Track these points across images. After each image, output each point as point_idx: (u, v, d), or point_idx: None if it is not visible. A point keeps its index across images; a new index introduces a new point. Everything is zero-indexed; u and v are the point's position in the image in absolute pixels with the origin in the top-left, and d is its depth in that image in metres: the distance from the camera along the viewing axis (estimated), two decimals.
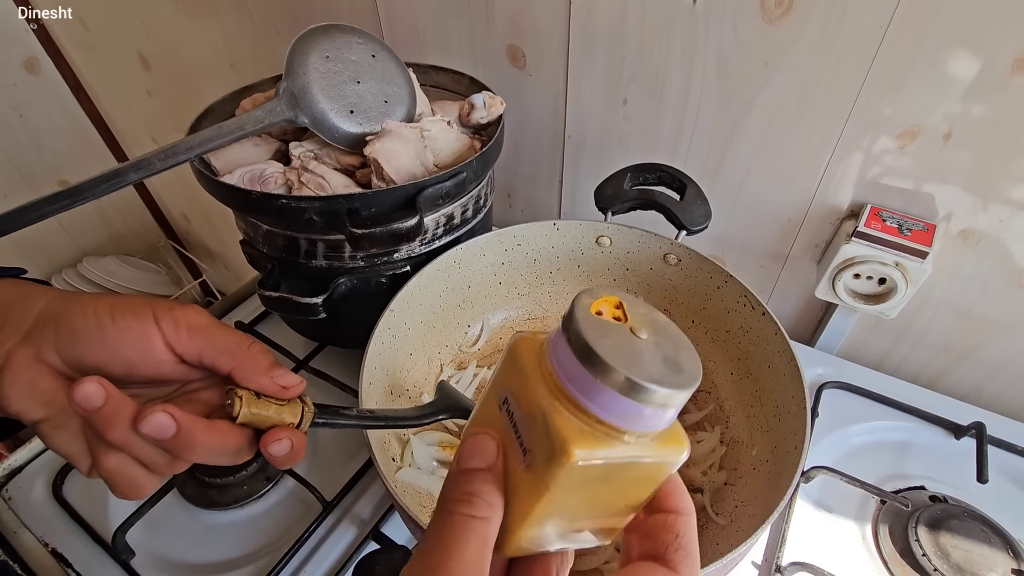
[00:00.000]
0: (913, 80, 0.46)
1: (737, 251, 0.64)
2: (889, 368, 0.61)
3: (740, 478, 0.45)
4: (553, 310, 0.59)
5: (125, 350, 0.24)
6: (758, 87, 0.52)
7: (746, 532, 0.32)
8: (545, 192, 0.74)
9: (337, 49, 0.50)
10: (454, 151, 0.53)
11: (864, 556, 0.45)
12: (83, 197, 0.39)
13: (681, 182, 0.52)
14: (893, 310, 0.54)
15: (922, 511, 0.46)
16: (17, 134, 1.16)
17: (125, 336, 0.24)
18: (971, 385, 0.59)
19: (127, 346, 0.24)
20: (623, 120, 0.62)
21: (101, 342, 0.24)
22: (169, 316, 0.25)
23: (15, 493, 0.51)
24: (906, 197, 0.52)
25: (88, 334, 0.24)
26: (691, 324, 0.54)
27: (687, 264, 0.51)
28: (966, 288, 0.53)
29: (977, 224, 0.50)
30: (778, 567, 0.43)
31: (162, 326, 0.24)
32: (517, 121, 0.69)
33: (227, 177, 0.47)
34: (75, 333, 0.24)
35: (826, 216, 0.56)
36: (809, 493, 0.49)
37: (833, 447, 0.52)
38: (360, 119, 0.50)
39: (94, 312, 0.24)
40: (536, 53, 0.62)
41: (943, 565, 0.43)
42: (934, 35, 0.43)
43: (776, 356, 0.43)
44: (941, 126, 0.47)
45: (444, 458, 0.47)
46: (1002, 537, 0.44)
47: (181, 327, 0.25)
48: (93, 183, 0.39)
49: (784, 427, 0.41)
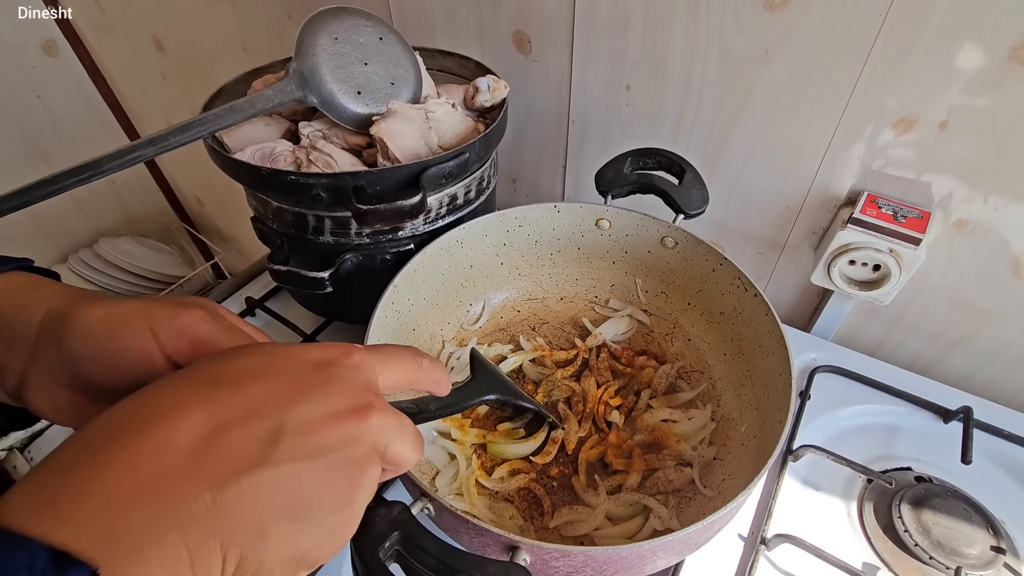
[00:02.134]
0: (910, 68, 0.46)
1: (735, 238, 0.65)
2: (884, 355, 0.62)
3: (728, 453, 0.46)
4: (553, 291, 0.61)
5: (130, 368, 0.23)
6: (759, 74, 0.53)
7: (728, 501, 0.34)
8: (549, 178, 0.75)
9: (346, 31, 0.51)
10: (458, 133, 0.54)
11: (848, 531, 0.47)
12: (101, 171, 0.41)
13: (680, 167, 0.53)
14: (887, 296, 0.55)
15: (906, 490, 0.47)
16: (36, 115, 1.18)
17: (124, 356, 0.23)
18: (963, 372, 0.60)
19: (130, 365, 0.23)
20: (626, 106, 0.62)
21: (104, 366, 0.23)
22: (169, 329, 0.23)
23: (36, 455, 0.53)
24: (903, 185, 0.53)
25: (89, 359, 0.23)
26: (687, 306, 0.55)
27: (684, 247, 0.53)
28: (960, 276, 0.54)
29: (972, 213, 0.51)
30: (763, 539, 0.45)
31: (161, 341, 0.23)
32: (522, 107, 0.70)
33: (239, 154, 0.49)
34: (77, 359, 0.23)
35: (824, 203, 0.57)
36: (797, 471, 0.50)
37: (823, 428, 0.53)
38: (367, 100, 0.51)
39: (91, 333, 0.23)
40: (541, 39, 0.63)
41: (924, 541, 0.44)
42: (932, 23, 0.44)
43: (766, 336, 0.45)
44: (938, 115, 0.48)
45: (444, 429, 0.49)
46: (983, 515, 0.45)
47: (183, 340, 0.23)
48: (110, 157, 0.41)
49: (772, 404, 0.42)
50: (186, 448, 0.18)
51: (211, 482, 0.18)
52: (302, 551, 0.20)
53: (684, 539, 0.34)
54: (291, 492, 0.19)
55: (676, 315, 0.56)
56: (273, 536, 0.19)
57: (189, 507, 0.17)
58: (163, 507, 0.17)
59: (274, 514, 0.19)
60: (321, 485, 0.20)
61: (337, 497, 0.20)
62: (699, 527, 0.33)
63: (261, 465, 0.18)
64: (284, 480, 0.19)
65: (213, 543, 0.17)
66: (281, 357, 0.22)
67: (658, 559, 0.35)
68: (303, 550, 0.20)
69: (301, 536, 0.19)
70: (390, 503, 0.31)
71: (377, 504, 0.31)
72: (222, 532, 0.18)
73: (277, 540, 0.19)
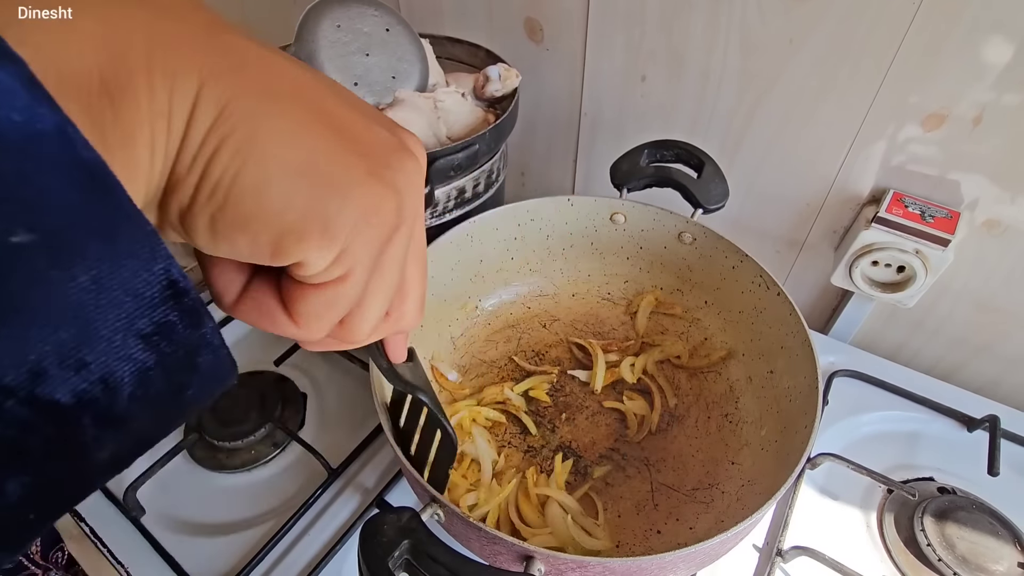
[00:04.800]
0: (944, 61, 0.44)
1: (752, 236, 0.63)
2: (904, 359, 0.60)
3: (748, 458, 0.45)
4: (565, 287, 0.59)
5: None
6: (782, 65, 0.51)
7: (751, 509, 0.32)
8: (559, 171, 0.73)
9: (350, 19, 0.49)
10: (467, 123, 0.52)
11: (868, 544, 0.45)
12: None
13: (699, 159, 0.51)
14: (911, 299, 0.53)
15: (929, 501, 0.45)
16: None
17: None
18: (988, 379, 0.58)
19: None
20: (641, 97, 0.60)
21: None
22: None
23: None
24: (930, 183, 0.51)
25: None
26: (704, 305, 0.53)
27: (702, 243, 0.51)
28: (988, 279, 0.52)
29: (1002, 214, 0.49)
30: (779, 551, 0.43)
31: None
32: (532, 97, 0.68)
33: None
34: None
35: (846, 201, 0.55)
36: (815, 480, 0.48)
37: (841, 435, 0.52)
38: (364, 92, 0.49)
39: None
40: (554, 26, 0.61)
41: (948, 555, 0.42)
42: (968, 13, 0.42)
43: (790, 337, 0.43)
44: (971, 111, 0.45)
45: None
46: (1010, 530, 0.44)
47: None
48: None
49: (794, 408, 0.40)
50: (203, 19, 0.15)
51: (208, 26, 0.15)
52: (323, 166, 0.15)
53: (706, 550, 0.32)
54: (317, 84, 0.16)
55: (692, 313, 0.54)
56: (282, 102, 0.15)
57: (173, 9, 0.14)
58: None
59: (290, 83, 0.15)
60: (356, 112, 0.17)
61: (376, 138, 0.17)
62: (722, 538, 0.31)
63: (284, 59, 0.16)
64: (309, 74, 0.16)
65: (186, 48, 0.14)
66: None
67: (678, 570, 0.33)
68: (324, 165, 0.15)
69: (320, 138, 0.15)
70: (399, 509, 0.29)
71: (385, 511, 0.29)
72: (206, 51, 0.14)
73: (286, 115, 0.15)
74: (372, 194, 0.16)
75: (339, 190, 0.15)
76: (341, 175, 0.16)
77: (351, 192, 0.16)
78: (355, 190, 0.16)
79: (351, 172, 0.16)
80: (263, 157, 0.14)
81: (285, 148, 0.15)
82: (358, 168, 0.16)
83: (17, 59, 0.10)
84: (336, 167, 0.15)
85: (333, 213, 0.15)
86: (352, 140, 0.16)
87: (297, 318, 0.17)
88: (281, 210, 0.15)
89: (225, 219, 0.15)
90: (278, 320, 0.17)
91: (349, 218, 0.16)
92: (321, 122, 0.16)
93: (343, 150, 0.16)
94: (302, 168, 0.15)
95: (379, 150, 0.17)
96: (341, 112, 0.16)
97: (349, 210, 0.16)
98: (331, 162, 0.15)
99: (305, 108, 0.15)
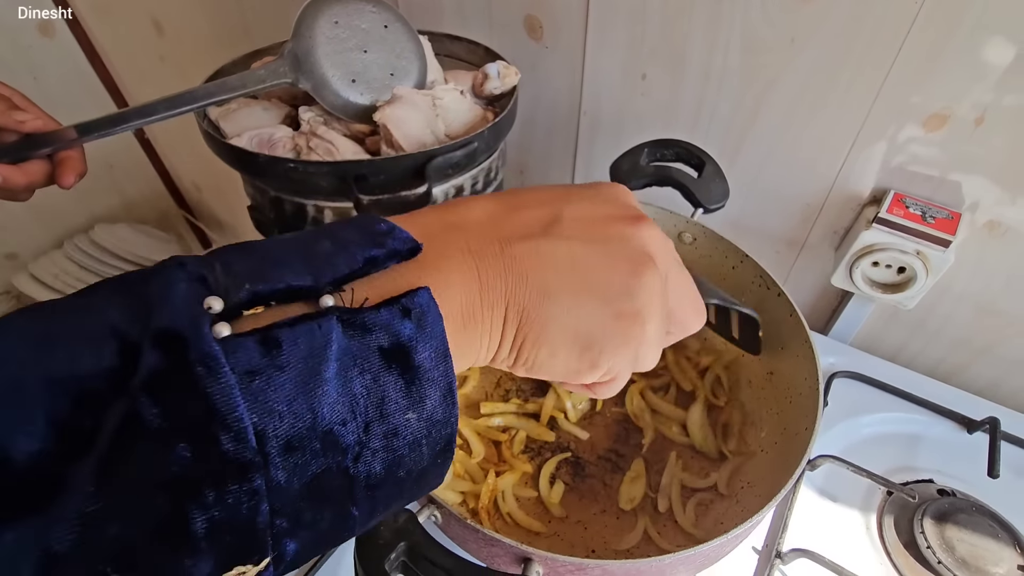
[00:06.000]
0: (946, 61, 0.44)
1: (752, 236, 0.63)
2: (904, 360, 0.60)
3: (747, 459, 0.44)
4: None
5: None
6: (784, 64, 0.50)
7: (750, 511, 0.32)
8: (558, 170, 0.73)
9: (348, 16, 0.48)
10: (466, 121, 0.52)
11: (867, 546, 0.45)
12: (91, 135, 0.41)
13: (699, 159, 0.50)
14: (911, 300, 0.52)
15: (929, 504, 0.45)
16: (32, 97, 1.15)
17: None
18: (988, 380, 0.57)
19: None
20: (641, 96, 0.60)
21: None
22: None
23: None
24: (931, 184, 0.50)
25: None
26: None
27: (702, 243, 0.50)
28: (989, 281, 0.52)
29: (1004, 215, 0.48)
30: (779, 553, 0.43)
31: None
32: (532, 95, 0.67)
33: (235, 140, 0.47)
34: None
35: (847, 202, 0.55)
36: (814, 481, 0.48)
37: (841, 437, 0.51)
38: (361, 88, 0.49)
39: None
40: (554, 24, 0.61)
41: (948, 558, 0.42)
42: (972, 13, 0.41)
43: (790, 338, 0.43)
44: (972, 112, 0.45)
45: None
46: (1010, 533, 0.43)
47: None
48: (98, 123, 0.40)
49: (795, 409, 0.40)
50: (480, 218, 0.22)
51: (499, 237, 0.21)
52: (585, 330, 0.21)
53: (705, 552, 0.32)
54: (569, 258, 0.21)
55: None
56: (554, 297, 0.20)
57: (481, 246, 0.20)
58: (462, 236, 0.20)
59: (555, 274, 0.20)
60: (599, 261, 0.21)
61: (617, 280, 0.21)
62: (722, 541, 0.31)
63: (543, 236, 0.21)
64: (563, 248, 0.21)
65: (499, 283, 0.20)
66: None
67: (677, 572, 0.33)
68: (586, 329, 0.21)
69: (582, 309, 0.21)
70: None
71: None
72: (506, 276, 0.20)
73: (558, 304, 0.20)
74: (619, 332, 0.21)
75: (598, 342, 0.21)
76: (599, 332, 0.21)
77: (607, 343, 0.21)
78: (609, 341, 0.21)
79: (606, 327, 0.21)
80: (551, 342, 0.21)
81: (562, 325, 0.21)
82: (609, 318, 0.21)
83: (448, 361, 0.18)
84: (595, 327, 0.21)
85: (596, 356, 0.22)
86: (603, 290, 0.21)
87: (591, 394, 0.25)
88: (565, 366, 0.22)
89: (532, 372, 0.22)
90: (582, 392, 0.26)
91: (608, 357, 0.22)
92: (583, 291, 0.21)
93: (599, 306, 0.21)
94: (575, 336, 0.21)
95: (621, 287, 0.21)
96: (592, 263, 0.21)
97: (607, 353, 0.22)
98: (591, 323, 0.21)
99: (568, 286, 0.21)
